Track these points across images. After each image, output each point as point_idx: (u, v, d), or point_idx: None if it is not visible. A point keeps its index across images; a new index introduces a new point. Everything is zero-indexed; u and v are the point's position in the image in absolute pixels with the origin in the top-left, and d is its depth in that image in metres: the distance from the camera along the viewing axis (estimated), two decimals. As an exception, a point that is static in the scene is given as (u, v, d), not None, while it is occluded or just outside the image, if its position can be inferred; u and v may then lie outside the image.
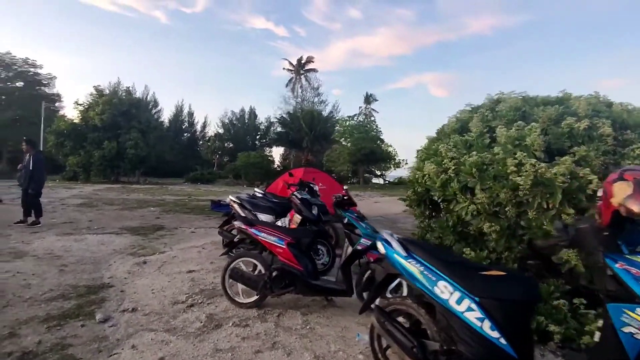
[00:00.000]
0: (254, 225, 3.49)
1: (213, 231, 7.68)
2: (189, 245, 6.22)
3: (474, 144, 3.84)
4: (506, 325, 1.81)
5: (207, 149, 48.78)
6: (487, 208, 3.48)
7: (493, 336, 1.80)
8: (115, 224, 7.93)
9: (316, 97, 49.76)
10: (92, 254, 5.44)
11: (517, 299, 1.85)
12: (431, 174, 4.15)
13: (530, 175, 3.04)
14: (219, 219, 9.36)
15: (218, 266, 4.91)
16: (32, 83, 29.07)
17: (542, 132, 3.27)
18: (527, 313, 1.88)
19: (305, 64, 49.51)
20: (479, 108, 4.48)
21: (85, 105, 24.27)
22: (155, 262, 5.13)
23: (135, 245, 6.11)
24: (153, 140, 25.38)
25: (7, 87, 27.70)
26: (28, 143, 7.47)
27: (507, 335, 1.80)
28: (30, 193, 7.32)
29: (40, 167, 7.37)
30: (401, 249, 2.24)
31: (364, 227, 3.42)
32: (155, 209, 10.74)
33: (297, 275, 3.30)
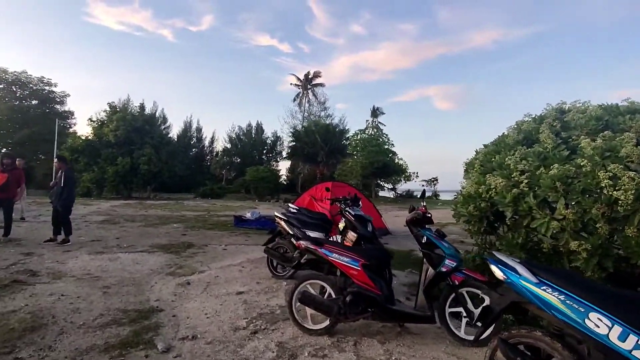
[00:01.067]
0: (323, 245, 3.27)
1: (245, 248, 7.48)
2: (226, 264, 5.99)
3: (549, 156, 3.62)
4: None
5: (216, 164, 48.89)
6: (573, 224, 3.23)
7: None
8: (144, 242, 7.73)
9: (322, 111, 50.10)
10: (131, 274, 5.22)
11: (697, 334, 1.61)
12: (499, 188, 3.91)
13: (631, 189, 2.81)
14: (245, 235, 9.18)
15: (267, 287, 4.68)
16: (46, 101, 29.41)
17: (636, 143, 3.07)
18: None
19: (313, 79, 49.98)
20: (542, 118, 4.27)
21: (99, 121, 24.42)
22: (198, 282, 4.90)
23: (171, 264, 5.89)
24: (165, 155, 25.38)
25: (23, 105, 28.03)
26: (60, 160, 7.37)
27: None
28: (59, 210, 7.16)
29: (71, 184, 7.23)
30: (530, 274, 2.01)
31: (446, 247, 3.18)
32: (178, 226, 10.54)
33: (375, 299, 3.05)
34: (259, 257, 6.57)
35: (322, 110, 50.22)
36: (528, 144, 4.22)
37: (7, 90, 27.25)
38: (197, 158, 51.67)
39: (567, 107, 4.33)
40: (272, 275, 5.11)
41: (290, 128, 51.58)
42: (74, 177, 7.53)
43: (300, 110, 50.57)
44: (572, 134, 3.74)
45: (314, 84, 49.73)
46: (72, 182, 7.36)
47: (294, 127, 51.60)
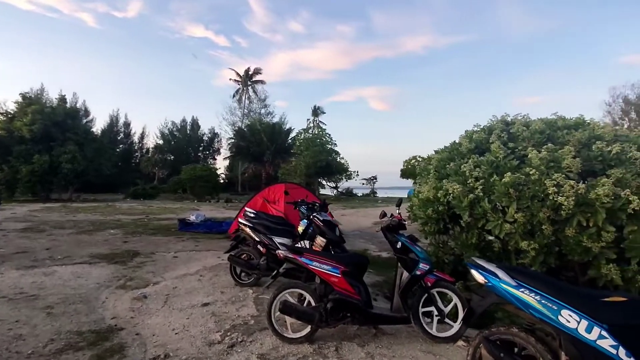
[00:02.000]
0: (303, 253, 3.29)
1: (197, 255, 7.18)
2: (181, 273, 5.70)
3: (501, 164, 4.02)
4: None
5: (147, 162, 45.70)
6: (522, 227, 3.63)
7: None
8: (81, 252, 7.02)
9: (263, 108, 49.45)
10: (75, 290, 4.74)
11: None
12: (456, 193, 4.25)
13: (572, 195, 3.25)
14: (193, 240, 8.79)
15: (233, 296, 4.56)
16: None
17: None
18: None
19: (253, 75, 48.99)
20: (491, 129, 4.72)
21: (7, 114, 21.45)
22: (156, 295, 4.61)
23: (119, 276, 5.45)
24: (91, 153, 23.11)
25: None
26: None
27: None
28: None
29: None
30: (509, 278, 2.24)
31: (420, 251, 3.38)
32: (116, 232, 9.73)
33: (355, 304, 3.15)
34: (216, 264, 6.36)
35: (263, 108, 49.59)
36: (480, 153, 4.64)
37: None
38: (124, 155, 47.91)
39: (511, 120, 4.83)
40: (235, 283, 4.98)
41: (229, 125, 50.27)
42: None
43: (240, 107, 49.39)
44: (519, 145, 4.19)
45: (254, 81, 48.81)
46: None
47: (233, 124, 50.35)
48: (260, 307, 4.13)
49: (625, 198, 3.10)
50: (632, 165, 3.34)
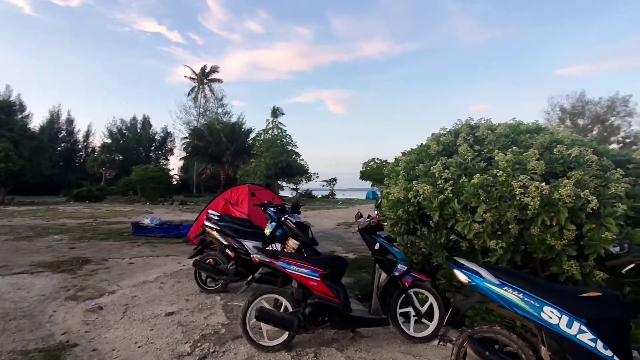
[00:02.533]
0: (279, 257, 3.16)
1: (155, 260, 6.77)
2: (139, 281, 5.32)
3: (469, 166, 4.15)
4: (615, 343, 1.97)
5: (93, 162, 42.72)
6: (490, 226, 3.77)
7: (607, 355, 1.95)
8: (20, 260, 6.34)
9: (220, 107, 48.12)
10: (15, 304, 4.25)
11: (618, 316, 2.05)
12: (426, 194, 4.33)
13: (537, 196, 3.42)
14: (149, 245, 8.29)
15: (199, 303, 4.31)
16: None
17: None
18: (627, 329, 2.09)
19: (210, 74, 47.51)
20: (457, 132, 4.87)
21: None
22: (113, 306, 4.25)
23: (69, 286, 4.97)
24: (28, 151, 21.15)
25: None
26: None
27: (618, 352, 1.96)
28: None
29: None
30: (492, 277, 2.28)
31: (398, 252, 3.38)
32: (60, 237, 8.93)
33: (335, 308, 3.09)
34: (176, 269, 6.02)
35: (220, 107, 48.24)
36: (447, 155, 4.76)
37: None
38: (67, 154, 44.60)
39: (475, 124, 5.02)
40: (201, 290, 4.72)
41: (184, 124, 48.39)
42: None
43: (196, 106, 47.67)
44: (485, 148, 4.35)
45: (211, 79, 47.33)
46: None
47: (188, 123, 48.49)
48: (231, 315, 3.94)
49: (584, 198, 3.31)
50: (589, 168, 3.58)
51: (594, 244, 3.36)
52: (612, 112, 31.54)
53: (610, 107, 31.54)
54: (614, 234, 3.21)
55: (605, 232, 3.26)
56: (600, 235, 3.29)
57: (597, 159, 3.62)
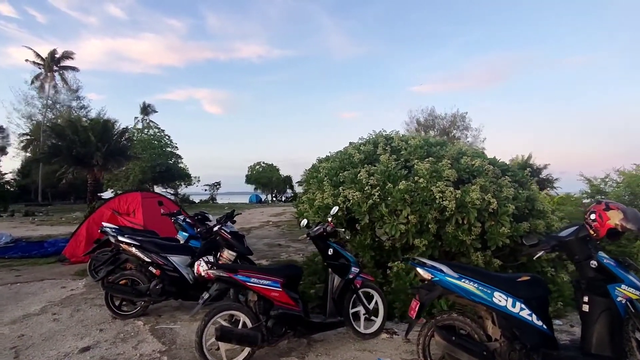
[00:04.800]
0: (238, 270, 2.99)
1: (28, 288, 5.56)
2: (18, 315, 4.27)
3: (392, 174, 4.62)
4: (543, 315, 2.54)
5: None
6: (415, 227, 4.30)
7: (539, 324, 2.50)
8: None
9: (74, 100, 41.00)
10: None
11: (543, 294, 2.63)
12: (355, 199, 4.66)
13: (453, 199, 4.06)
14: (7, 269, 6.66)
15: (119, 332, 3.72)
16: None
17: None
18: (547, 303, 2.68)
19: (61, 60, 39.93)
20: (376, 143, 5.36)
21: None
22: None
23: None
24: None
25: None
26: None
27: (545, 321, 2.53)
28: None
29: None
30: (452, 272, 2.66)
31: (350, 256, 3.53)
32: None
33: (299, 317, 3.08)
34: (65, 296, 5.02)
35: (74, 100, 41.04)
36: (368, 163, 5.20)
37: None
38: None
39: (388, 135, 5.62)
40: (114, 316, 4.05)
41: (23, 117, 39.60)
42: None
43: (42, 97, 39.50)
44: (402, 157, 4.91)
45: (62, 66, 39.84)
46: None
47: (29, 117, 39.83)
48: (165, 340, 3.52)
49: (487, 200, 4.08)
50: (486, 175, 4.41)
51: (493, 237, 4.16)
52: (454, 126, 38.35)
53: (453, 122, 38.31)
54: (508, 229, 4.07)
55: (502, 227, 4.10)
56: (498, 230, 4.11)
57: (492, 168, 4.49)
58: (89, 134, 15.93)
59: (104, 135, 16.53)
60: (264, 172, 40.89)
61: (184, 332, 3.70)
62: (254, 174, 39.37)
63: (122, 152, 18.01)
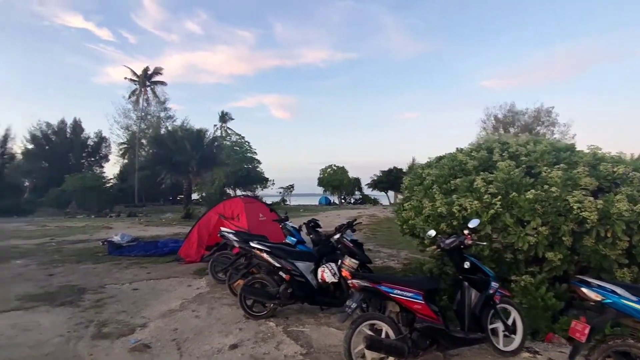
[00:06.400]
0: (381, 282, 3.07)
1: (161, 284, 6.23)
2: (165, 310, 4.82)
3: (516, 182, 4.39)
4: None
5: (15, 170, 37.83)
6: (546, 239, 4.03)
7: None
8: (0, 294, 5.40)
9: (162, 111, 45.47)
10: (36, 350, 3.62)
11: None
12: (474, 208, 4.50)
13: (594, 210, 3.73)
14: (137, 266, 7.59)
15: (257, 332, 4.02)
16: None
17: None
18: None
19: (152, 76, 44.64)
20: (491, 148, 5.13)
21: None
22: (159, 343, 3.80)
23: (85, 322, 4.36)
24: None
25: None
26: None
27: None
28: None
29: None
30: (629, 294, 2.45)
31: (489, 270, 3.45)
32: (24, 262, 7.76)
33: (442, 330, 3.07)
34: (195, 294, 5.56)
35: (162, 111, 45.55)
36: (483, 169, 5.00)
37: None
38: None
39: (502, 140, 5.35)
40: (246, 316, 4.40)
41: (122, 128, 44.96)
42: None
43: (136, 110, 44.49)
44: (522, 164, 4.63)
45: (154, 82, 44.50)
46: None
47: (126, 128, 45.06)
48: (301, 342, 3.73)
49: (636, 211, 3.68)
50: (631, 184, 3.98)
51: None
52: (538, 122, 35.16)
53: (536, 117, 35.15)
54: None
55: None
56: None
57: (638, 175, 4.05)
58: (185, 143, 17.67)
59: (197, 144, 18.18)
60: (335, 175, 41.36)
61: (316, 336, 3.89)
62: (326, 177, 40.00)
63: (212, 159, 19.61)
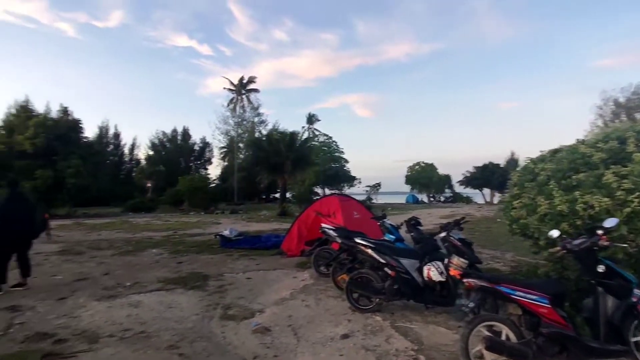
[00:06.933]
0: (499, 282, 2.96)
1: (270, 274, 6.79)
2: (277, 298, 5.27)
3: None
4: None
5: (140, 173, 44.48)
6: None
7: None
8: (144, 277, 6.48)
9: (256, 117, 49.02)
10: (180, 324, 4.27)
11: None
12: (603, 207, 4.01)
13: None
14: (247, 258, 8.32)
15: (365, 324, 4.18)
16: None
17: None
18: None
19: (247, 84, 48.51)
20: (624, 138, 4.51)
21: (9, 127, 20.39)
22: (277, 327, 4.17)
23: (212, 304, 4.99)
24: (93, 167, 22.16)
25: None
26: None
27: None
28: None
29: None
30: None
31: (630, 275, 3.11)
32: (158, 251, 9.16)
33: (571, 337, 2.84)
34: (302, 285, 5.95)
35: (256, 116, 49.14)
36: (614, 162, 4.42)
37: None
38: (115, 167, 46.45)
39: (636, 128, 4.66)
40: (352, 309, 4.58)
41: (222, 134, 49.70)
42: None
43: (233, 116, 48.80)
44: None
45: (249, 89, 48.33)
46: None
47: (226, 133, 49.70)
48: (411, 338, 3.77)
49: None
50: None
51: None
52: (675, 105, 29.28)
53: (673, 99, 29.30)
54: None
55: None
56: None
57: None
58: (280, 145, 18.92)
59: (291, 146, 19.30)
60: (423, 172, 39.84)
61: (425, 334, 3.89)
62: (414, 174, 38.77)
63: (305, 160, 20.63)
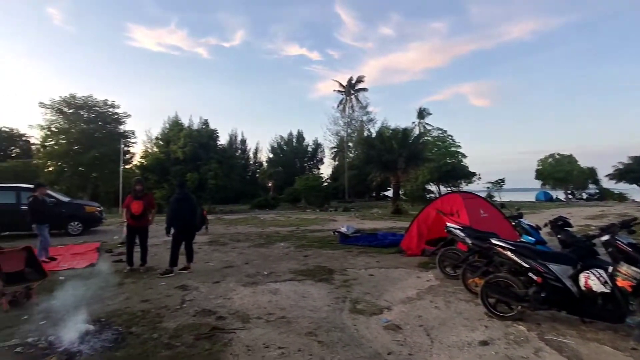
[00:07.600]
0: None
1: (390, 272, 6.77)
2: (403, 297, 5.23)
3: None
4: None
5: (263, 174, 49.14)
6: None
7: None
8: (278, 267, 7.16)
9: (365, 115, 49.35)
10: (315, 313, 4.57)
11: None
12: None
13: None
14: (365, 255, 8.42)
15: (506, 333, 3.84)
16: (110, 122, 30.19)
17: None
18: None
19: (356, 84, 49.29)
20: None
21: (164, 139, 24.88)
22: (408, 326, 4.14)
23: (340, 297, 5.22)
24: (227, 170, 25.43)
25: (90, 128, 28.93)
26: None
27: None
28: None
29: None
30: None
31: None
32: (285, 245, 10.03)
33: None
34: (427, 286, 5.79)
35: (365, 115, 49.51)
36: None
37: (76, 115, 28.26)
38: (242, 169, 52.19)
39: None
40: (489, 315, 4.26)
41: (332, 134, 51.49)
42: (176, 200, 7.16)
43: (342, 117, 50.11)
44: None
45: (358, 89, 49.05)
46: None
47: (336, 133, 51.36)
48: (569, 355, 3.32)
49: None
50: None
51: None
52: None
53: None
54: None
55: None
56: None
57: None
58: (392, 142, 18.74)
59: (404, 142, 18.93)
60: (559, 165, 34.33)
61: (585, 352, 3.38)
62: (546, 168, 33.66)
63: (419, 156, 20.01)
